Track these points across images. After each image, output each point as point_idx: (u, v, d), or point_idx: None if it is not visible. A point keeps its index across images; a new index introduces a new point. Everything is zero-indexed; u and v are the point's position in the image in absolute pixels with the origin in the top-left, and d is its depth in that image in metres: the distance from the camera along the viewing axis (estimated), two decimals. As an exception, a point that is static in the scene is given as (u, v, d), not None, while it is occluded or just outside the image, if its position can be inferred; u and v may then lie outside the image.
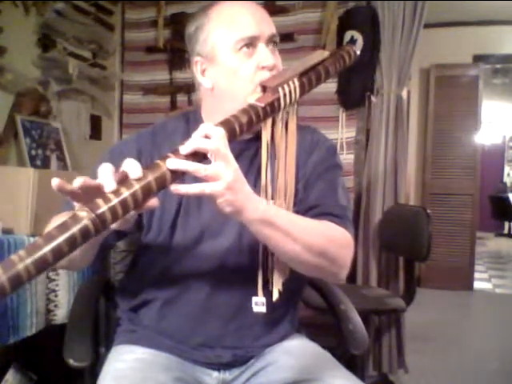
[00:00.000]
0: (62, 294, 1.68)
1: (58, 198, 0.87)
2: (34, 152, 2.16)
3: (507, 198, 8.30)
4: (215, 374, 1.03)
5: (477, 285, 4.53)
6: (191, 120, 1.08)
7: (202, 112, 1.07)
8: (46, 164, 2.20)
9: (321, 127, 1.14)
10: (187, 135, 0.96)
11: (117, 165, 0.72)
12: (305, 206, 1.00)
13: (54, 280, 1.66)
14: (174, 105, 2.74)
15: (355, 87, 2.46)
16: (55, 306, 1.67)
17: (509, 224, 8.69)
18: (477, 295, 4.38)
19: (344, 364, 1.02)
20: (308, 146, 1.05)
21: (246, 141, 0.99)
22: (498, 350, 2.89)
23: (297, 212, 0.99)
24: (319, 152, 1.06)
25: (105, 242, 0.93)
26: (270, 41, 0.98)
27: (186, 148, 0.72)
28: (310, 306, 1.74)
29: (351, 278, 2.46)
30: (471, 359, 2.73)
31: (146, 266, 1.07)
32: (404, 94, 2.47)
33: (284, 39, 2.51)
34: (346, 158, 2.51)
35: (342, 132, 2.50)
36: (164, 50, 2.72)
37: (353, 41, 2.38)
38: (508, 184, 9.28)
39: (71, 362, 0.95)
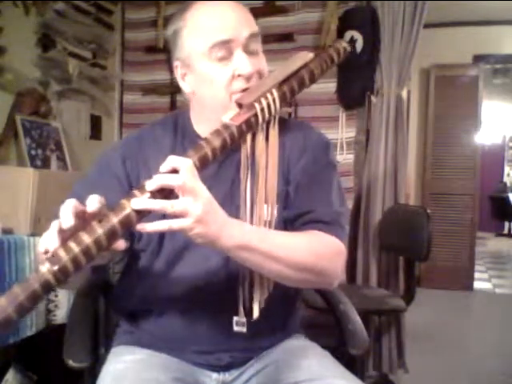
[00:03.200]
0: (62, 294, 1.68)
1: (57, 198, 0.87)
2: (33, 152, 2.16)
3: (507, 198, 8.30)
4: (214, 375, 1.02)
5: (477, 285, 4.52)
6: (179, 123, 1.05)
7: (191, 114, 1.04)
8: (46, 164, 2.20)
9: (321, 127, 1.14)
10: (174, 141, 0.93)
11: (106, 176, 0.72)
12: (295, 212, 0.97)
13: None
14: (173, 105, 2.74)
15: (355, 87, 2.46)
16: (55, 306, 1.67)
17: (509, 224, 8.68)
18: (477, 295, 4.37)
19: (344, 364, 1.02)
20: (300, 144, 1.02)
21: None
22: (498, 350, 2.89)
23: (287, 217, 0.97)
24: (311, 151, 1.02)
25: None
26: (250, 42, 0.92)
27: (151, 185, 0.71)
28: (310, 306, 1.73)
29: (351, 278, 2.46)
30: (471, 359, 2.73)
31: (137, 275, 1.05)
32: (404, 94, 2.47)
33: (284, 39, 2.53)
34: (346, 158, 2.51)
35: (342, 132, 2.51)
36: (164, 50, 2.72)
37: (353, 41, 2.38)
38: (508, 184, 9.28)
39: (71, 362, 0.95)
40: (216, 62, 0.91)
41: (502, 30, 4.30)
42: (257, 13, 2.69)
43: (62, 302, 1.68)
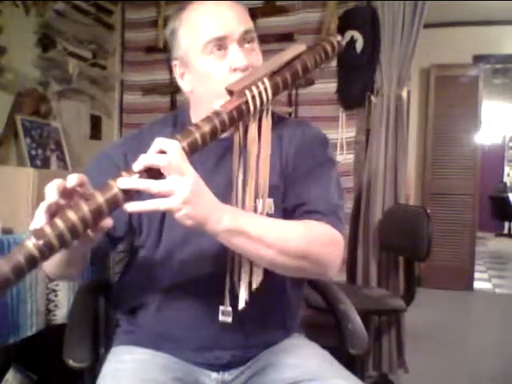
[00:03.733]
0: (62, 294, 1.68)
1: (57, 198, 0.86)
2: (34, 152, 2.16)
3: (507, 198, 8.30)
4: (214, 374, 1.02)
5: (477, 285, 4.52)
6: (179, 121, 1.06)
7: (191, 112, 1.05)
8: (46, 164, 2.20)
9: (321, 127, 1.14)
10: (172, 137, 0.95)
11: (105, 171, 0.73)
12: (293, 204, 0.98)
13: (54, 280, 1.65)
14: (173, 105, 2.74)
15: (355, 87, 2.46)
16: (55, 305, 1.67)
17: (509, 224, 8.68)
18: (477, 295, 4.37)
19: (344, 364, 1.02)
20: (298, 140, 1.04)
21: (231, 138, 0.96)
22: (498, 350, 2.89)
23: (285, 209, 0.98)
24: (310, 146, 1.03)
25: (97, 250, 0.93)
26: (244, 38, 0.94)
27: (137, 165, 0.72)
28: (310, 306, 1.73)
29: (351, 277, 2.46)
30: (471, 359, 2.73)
31: (137, 270, 1.06)
32: (404, 94, 2.47)
33: (284, 39, 2.53)
34: (346, 158, 2.51)
35: (342, 132, 2.51)
36: (164, 49, 2.71)
37: (353, 41, 2.38)
38: (508, 184, 9.28)
39: (71, 362, 0.95)
40: (212, 58, 0.93)
41: (502, 30, 4.30)
42: (257, 13, 2.70)
43: (62, 302, 1.68)
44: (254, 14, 1.01)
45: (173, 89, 2.72)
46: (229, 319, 0.96)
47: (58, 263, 0.84)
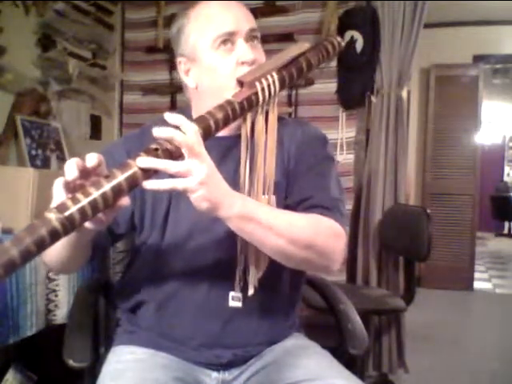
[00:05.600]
0: (62, 294, 1.67)
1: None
2: (34, 152, 2.16)
3: (508, 198, 8.30)
4: (214, 374, 1.02)
5: (477, 285, 4.52)
6: None
7: (193, 112, 1.06)
8: (46, 164, 2.20)
9: (321, 127, 1.15)
10: None
11: (109, 164, 0.73)
12: (295, 199, 1.00)
13: (54, 280, 1.65)
14: (173, 105, 2.74)
15: (355, 87, 2.46)
16: (55, 305, 1.67)
17: (509, 224, 8.68)
18: (477, 295, 4.37)
19: (344, 364, 1.02)
20: (299, 139, 1.06)
21: (234, 137, 0.98)
22: (498, 350, 2.89)
23: (287, 205, 0.99)
24: (309, 144, 1.05)
25: (98, 244, 0.93)
26: (250, 36, 0.98)
27: (159, 131, 0.73)
28: (310, 306, 1.74)
29: (351, 278, 2.46)
30: (471, 359, 2.73)
31: (139, 267, 1.07)
32: (404, 94, 2.47)
33: (284, 39, 2.53)
34: (346, 158, 2.51)
35: (342, 132, 2.51)
36: (164, 49, 2.72)
37: (353, 41, 2.38)
38: (508, 184, 9.28)
39: (71, 362, 0.95)
40: (220, 52, 0.96)
41: (502, 30, 4.30)
42: (257, 13, 2.69)
43: (62, 302, 1.67)
44: (254, 13, 1.03)
45: (173, 89, 2.72)
46: (239, 304, 0.98)
47: (62, 250, 0.85)
